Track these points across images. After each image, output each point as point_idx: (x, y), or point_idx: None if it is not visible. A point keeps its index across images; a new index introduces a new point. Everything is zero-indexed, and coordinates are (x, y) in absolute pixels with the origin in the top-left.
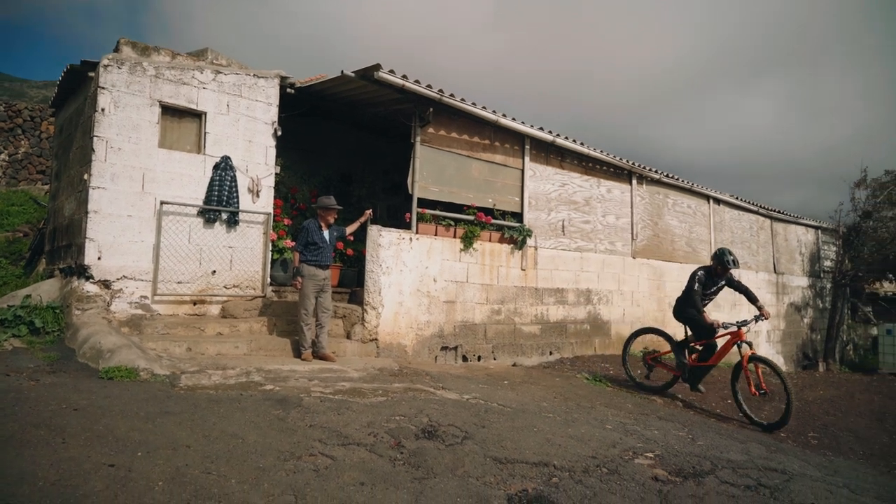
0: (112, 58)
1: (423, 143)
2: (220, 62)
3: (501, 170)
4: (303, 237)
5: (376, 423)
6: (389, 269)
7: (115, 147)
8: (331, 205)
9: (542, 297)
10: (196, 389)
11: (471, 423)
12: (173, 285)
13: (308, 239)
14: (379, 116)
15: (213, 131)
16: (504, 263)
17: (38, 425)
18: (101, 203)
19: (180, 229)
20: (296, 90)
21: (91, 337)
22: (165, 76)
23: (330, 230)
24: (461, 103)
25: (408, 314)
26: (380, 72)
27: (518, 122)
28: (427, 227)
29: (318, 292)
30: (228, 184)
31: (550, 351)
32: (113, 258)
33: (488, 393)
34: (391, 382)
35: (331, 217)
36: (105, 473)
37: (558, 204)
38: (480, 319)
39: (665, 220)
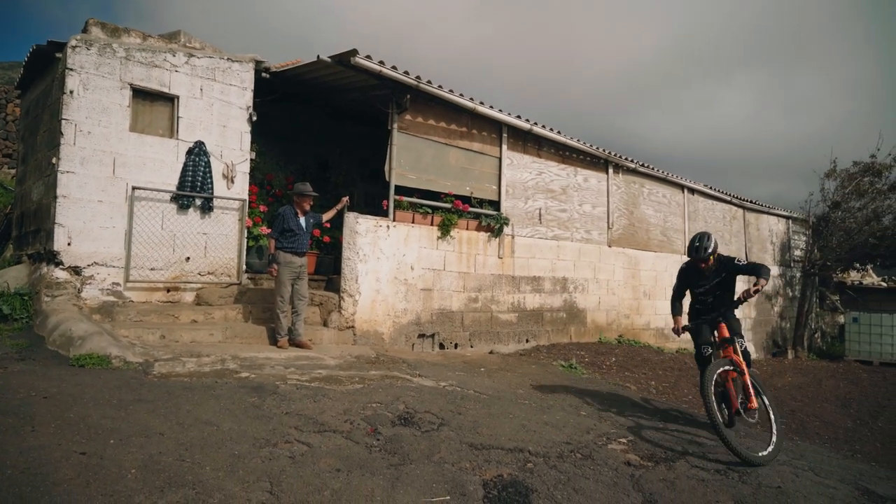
0: (80, 38)
1: (400, 130)
2: (194, 45)
3: (479, 158)
4: (278, 224)
5: (353, 411)
6: (366, 256)
7: (84, 130)
8: (306, 191)
9: (518, 286)
10: (170, 377)
11: (447, 409)
12: (146, 272)
13: (284, 226)
14: (356, 103)
15: (187, 116)
16: (481, 251)
17: (6, 413)
18: (70, 188)
19: (153, 215)
20: (271, 75)
21: (61, 324)
22: (136, 58)
23: (306, 217)
24: (438, 90)
25: (385, 302)
26: (356, 57)
27: (496, 110)
28: (404, 215)
29: (294, 279)
30: (202, 169)
31: (527, 339)
32: (83, 244)
33: (465, 380)
34: (368, 370)
35: (307, 204)
36: (76, 461)
37: (535, 192)
38: (458, 307)
39: (641, 210)
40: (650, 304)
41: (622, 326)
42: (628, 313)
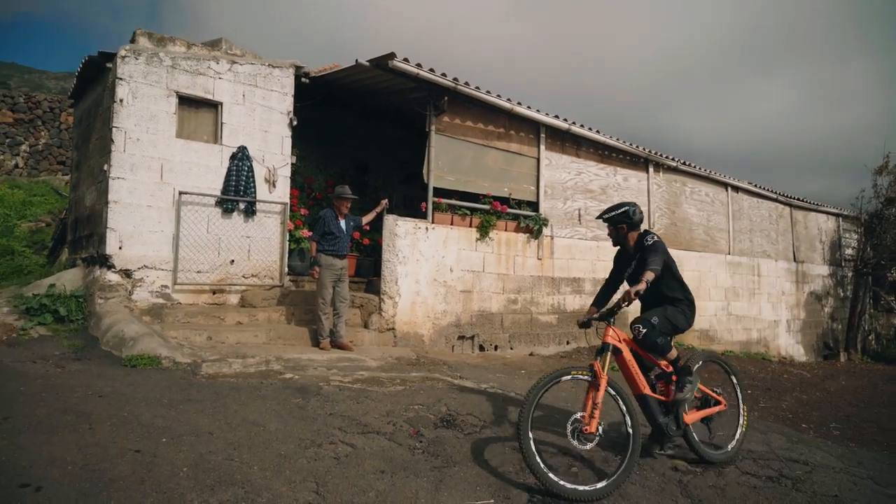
0: (129, 48)
1: (438, 132)
2: (235, 52)
3: (517, 158)
4: (319, 227)
5: (395, 412)
6: (406, 258)
7: (133, 137)
8: (345, 194)
9: (558, 287)
10: (217, 377)
11: (489, 412)
12: (193, 274)
13: (325, 229)
14: (394, 106)
15: (230, 121)
16: (520, 253)
17: (66, 411)
18: (120, 193)
19: (199, 219)
20: (311, 80)
21: (114, 325)
22: (182, 67)
23: (346, 220)
24: (476, 91)
25: (425, 304)
26: (394, 60)
27: (533, 111)
28: (443, 217)
29: (335, 282)
30: (245, 174)
31: (567, 340)
32: (134, 248)
33: (506, 382)
34: (409, 372)
35: (346, 206)
36: (131, 459)
37: (574, 192)
38: (497, 309)
39: (683, 209)
40: None
41: None
42: None
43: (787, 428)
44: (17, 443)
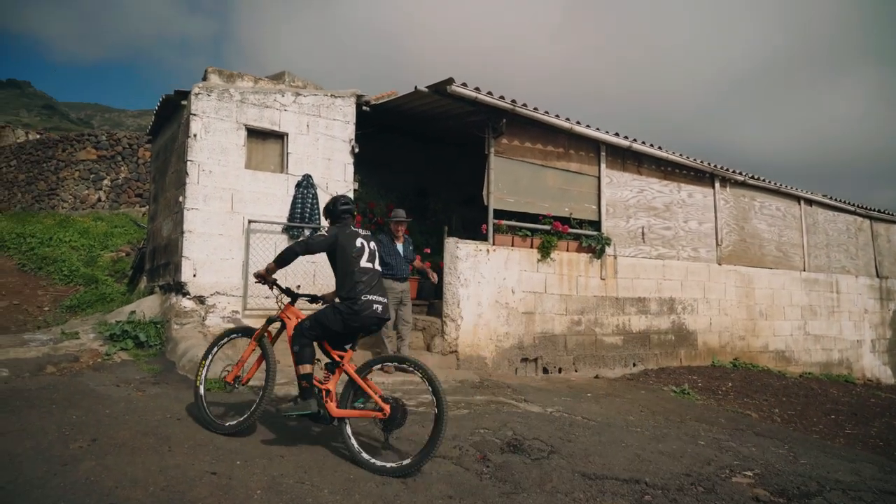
0: (202, 86)
1: (497, 154)
2: (297, 84)
3: (577, 178)
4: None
5: (461, 436)
6: (467, 280)
7: (206, 170)
8: (400, 217)
9: (623, 307)
10: (284, 401)
11: (556, 436)
12: (261, 300)
13: (384, 254)
14: (452, 130)
15: (295, 151)
16: (583, 273)
17: (147, 434)
18: (195, 223)
19: (266, 246)
20: (371, 108)
21: (189, 350)
22: (250, 101)
23: (404, 243)
24: (534, 112)
25: (487, 326)
26: (452, 86)
27: (593, 129)
28: (503, 238)
29: (396, 305)
30: (310, 201)
31: (633, 362)
32: (207, 275)
33: (572, 406)
34: (473, 395)
35: (402, 230)
36: (208, 481)
37: (637, 211)
38: (560, 330)
39: (752, 224)
40: (767, 324)
41: (737, 349)
42: (743, 335)
43: (877, 456)
44: (103, 463)
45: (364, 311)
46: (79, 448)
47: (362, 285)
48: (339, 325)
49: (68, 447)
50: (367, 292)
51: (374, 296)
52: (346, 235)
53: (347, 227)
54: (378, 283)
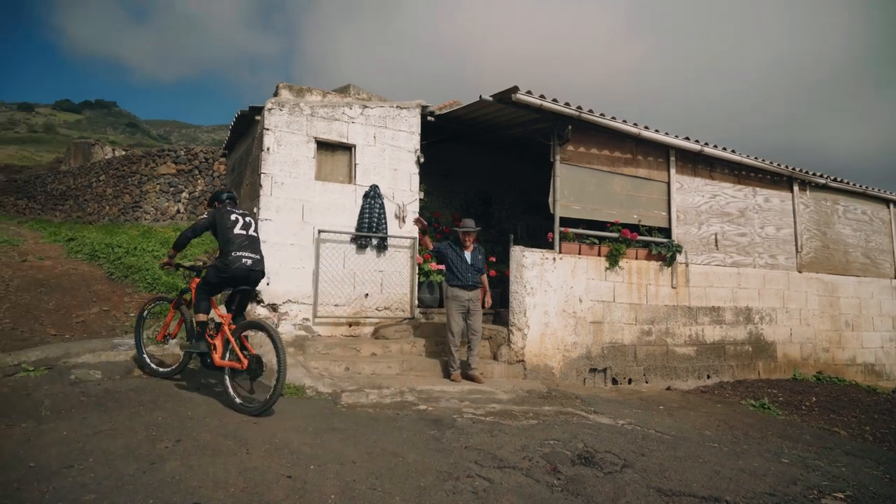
0: (274, 101)
1: (562, 162)
2: (362, 96)
3: (645, 184)
4: (443, 256)
5: (530, 447)
6: (534, 289)
7: (278, 182)
8: (468, 227)
9: (695, 317)
10: (356, 407)
11: (629, 450)
12: (331, 308)
13: (449, 258)
14: (516, 138)
15: (362, 162)
16: (653, 281)
17: (227, 436)
18: (268, 233)
19: (335, 255)
20: (435, 118)
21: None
22: (319, 114)
23: (473, 252)
24: (601, 118)
25: (554, 335)
26: (517, 94)
27: (661, 133)
28: (570, 247)
29: (465, 313)
30: (377, 211)
31: (708, 374)
32: (279, 284)
33: (644, 418)
34: (541, 405)
35: (470, 239)
36: (284, 484)
37: (709, 217)
38: (629, 340)
39: (835, 230)
40: (854, 335)
41: (820, 362)
42: (827, 346)
43: None
44: (187, 464)
45: (234, 263)
46: (164, 448)
47: (234, 245)
48: (216, 278)
49: (155, 447)
50: (237, 250)
51: (244, 252)
52: (223, 214)
53: (225, 209)
54: (250, 244)
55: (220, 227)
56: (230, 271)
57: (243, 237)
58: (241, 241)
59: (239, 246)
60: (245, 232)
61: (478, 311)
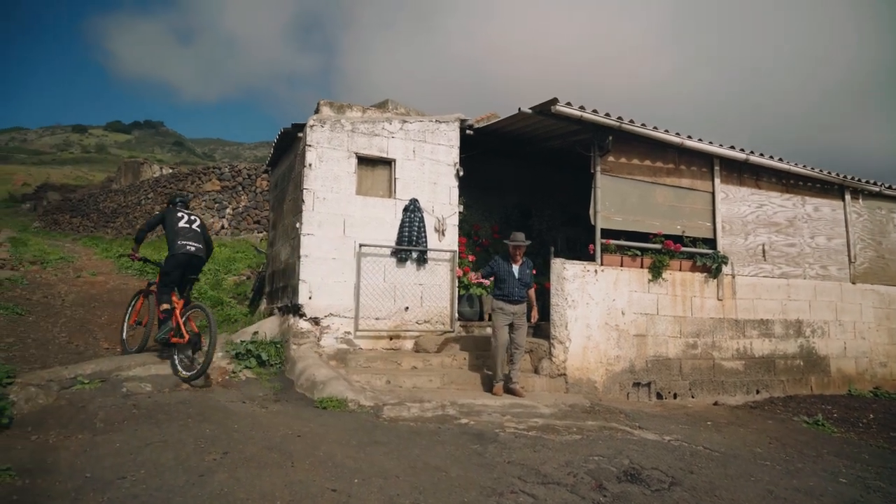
0: (316, 118)
1: (603, 173)
2: (400, 111)
3: (689, 194)
4: (488, 268)
5: (574, 463)
6: (575, 302)
7: (320, 197)
8: (518, 240)
9: (743, 330)
10: (398, 421)
11: (676, 467)
12: (372, 321)
13: (496, 272)
14: (555, 149)
15: (402, 176)
16: (698, 293)
17: (271, 449)
18: (310, 248)
19: (376, 269)
20: (474, 131)
21: (306, 370)
22: (360, 130)
23: (521, 266)
24: (642, 128)
25: (596, 348)
26: (556, 105)
27: (705, 143)
28: (612, 258)
29: (510, 327)
30: (417, 225)
31: (757, 389)
32: (321, 297)
33: (691, 434)
34: (584, 420)
35: (519, 253)
36: (329, 497)
37: (756, 227)
38: (674, 354)
39: (891, 239)
40: None
41: (878, 377)
42: (885, 361)
43: None
44: (235, 476)
45: (179, 250)
46: (213, 460)
47: (180, 236)
48: (167, 266)
49: (204, 459)
50: (181, 239)
51: (187, 241)
52: (171, 212)
53: (175, 209)
54: (193, 235)
55: (169, 223)
56: (177, 257)
57: (187, 230)
58: (185, 232)
59: (183, 236)
60: (189, 226)
61: (523, 325)
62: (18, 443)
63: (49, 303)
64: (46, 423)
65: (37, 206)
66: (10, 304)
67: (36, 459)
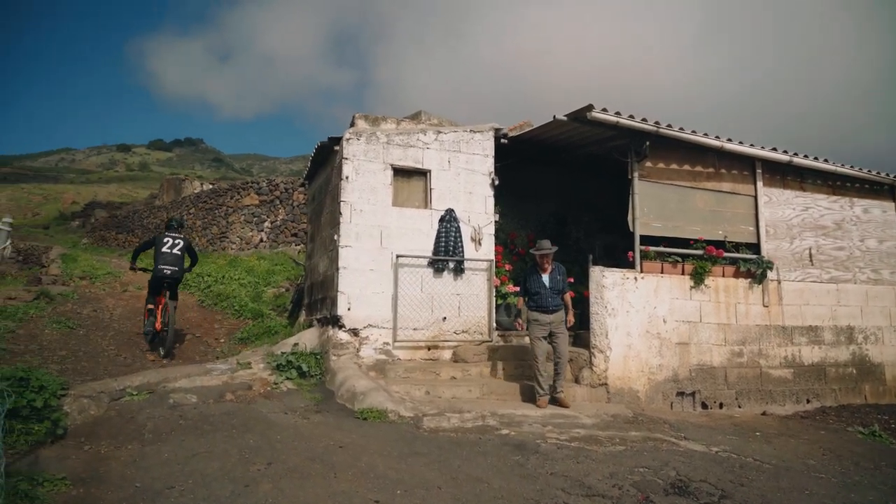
0: (352, 131)
1: (641, 178)
2: (433, 122)
3: (730, 198)
4: (522, 283)
5: (619, 474)
6: (615, 310)
7: (357, 209)
8: (543, 249)
9: (791, 337)
10: (438, 432)
11: (726, 479)
12: (410, 332)
13: (526, 285)
14: (591, 156)
15: (437, 187)
16: (742, 300)
17: (314, 459)
18: (348, 260)
19: (413, 280)
20: (508, 140)
21: (346, 381)
22: (395, 142)
23: (551, 274)
24: (680, 133)
25: (637, 357)
26: (592, 112)
27: (746, 145)
28: (652, 265)
29: (548, 337)
30: (453, 235)
31: (807, 398)
32: (360, 308)
33: (739, 446)
34: (627, 430)
35: (547, 261)
36: None
37: (802, 230)
38: (719, 362)
39: None
40: None
41: None
42: None
43: None
44: (279, 487)
45: (158, 273)
46: (257, 471)
47: (160, 261)
48: (151, 282)
49: (248, 469)
50: (161, 264)
51: (165, 266)
52: (161, 237)
53: (164, 233)
54: (172, 259)
55: (156, 248)
56: (156, 278)
57: (168, 254)
58: (165, 257)
59: (163, 261)
60: (171, 251)
61: (562, 333)
62: (73, 453)
63: (98, 316)
64: (98, 434)
65: (85, 224)
66: (63, 319)
67: (89, 469)
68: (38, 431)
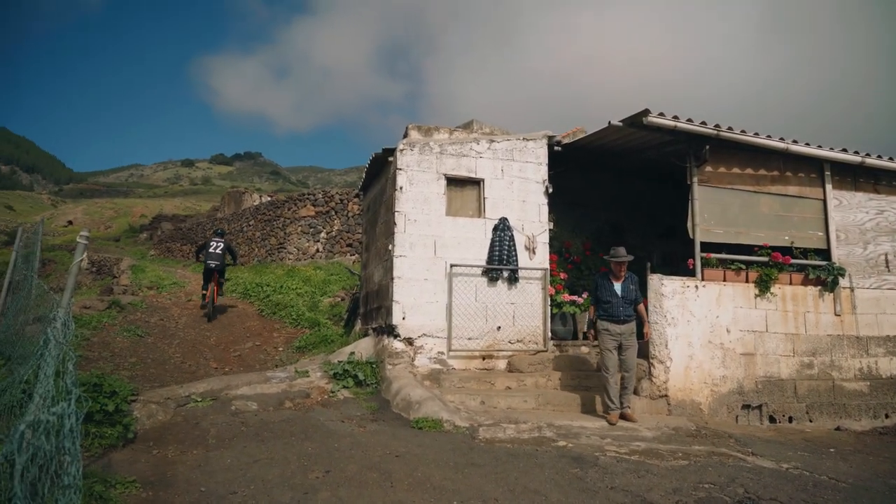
0: (405, 142)
1: (700, 183)
2: (485, 130)
3: (796, 202)
4: (593, 291)
5: (683, 490)
6: (675, 319)
7: (411, 219)
8: (619, 256)
9: (866, 348)
10: (494, 442)
11: (799, 498)
12: (464, 341)
13: (597, 294)
14: (647, 162)
15: (491, 195)
16: (811, 309)
17: (371, 468)
18: (402, 269)
19: (467, 289)
20: (562, 147)
21: (402, 390)
22: (448, 151)
23: (624, 283)
24: (741, 135)
25: (699, 368)
26: (648, 116)
27: (813, 147)
28: (713, 273)
29: (618, 348)
30: (507, 243)
31: (885, 413)
32: (414, 318)
33: (812, 462)
34: (690, 444)
35: (622, 270)
36: None
37: (877, 235)
38: (787, 374)
39: None
40: None
41: None
42: None
43: None
44: (337, 495)
45: (206, 266)
46: (315, 478)
47: (208, 258)
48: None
49: (307, 477)
50: (208, 259)
51: (210, 260)
52: (209, 241)
53: (212, 238)
54: (215, 256)
55: (206, 248)
56: (205, 269)
57: (213, 253)
58: (211, 255)
59: (210, 257)
60: (214, 251)
61: (632, 345)
62: (142, 456)
63: (165, 325)
64: (165, 439)
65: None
66: (133, 327)
67: (157, 473)
68: (110, 435)
